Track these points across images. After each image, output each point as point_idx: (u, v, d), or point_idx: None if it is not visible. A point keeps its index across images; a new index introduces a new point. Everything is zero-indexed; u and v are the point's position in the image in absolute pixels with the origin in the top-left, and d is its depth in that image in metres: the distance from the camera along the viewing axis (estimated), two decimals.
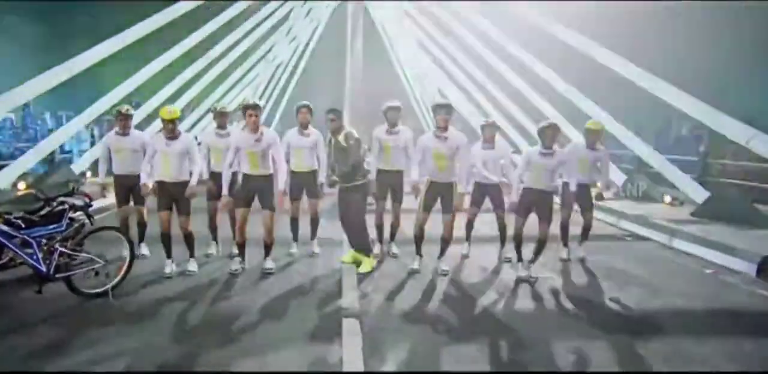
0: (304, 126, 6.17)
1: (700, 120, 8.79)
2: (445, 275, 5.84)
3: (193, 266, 5.77)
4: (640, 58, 10.26)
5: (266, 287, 5.36)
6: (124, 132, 5.93)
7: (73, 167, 12.23)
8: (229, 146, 5.51)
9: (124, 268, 5.14)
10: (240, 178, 5.68)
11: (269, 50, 21.86)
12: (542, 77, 13.51)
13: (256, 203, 5.63)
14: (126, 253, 5.19)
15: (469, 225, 6.69)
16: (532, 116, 14.79)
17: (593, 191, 6.57)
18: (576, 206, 6.53)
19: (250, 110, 5.33)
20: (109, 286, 4.84)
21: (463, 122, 17.01)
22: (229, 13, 15.62)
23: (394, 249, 6.68)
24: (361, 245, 6.06)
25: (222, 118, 6.15)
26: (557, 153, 5.61)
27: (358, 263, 6.00)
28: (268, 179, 5.61)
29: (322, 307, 4.78)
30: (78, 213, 5.02)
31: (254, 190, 5.55)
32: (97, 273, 4.86)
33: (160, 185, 5.56)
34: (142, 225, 6.19)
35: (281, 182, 5.56)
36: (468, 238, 6.74)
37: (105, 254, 4.96)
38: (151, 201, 5.86)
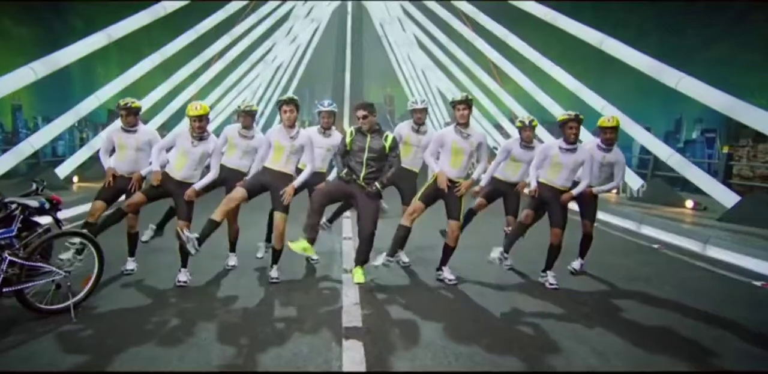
0: (326, 128, 5.67)
1: (731, 117, 8.12)
2: (454, 284, 5.25)
3: (183, 277, 5.10)
4: None
5: (260, 300, 4.70)
6: (129, 128, 5.28)
7: (57, 170, 11.56)
8: (252, 147, 5.39)
9: (92, 281, 4.47)
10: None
11: (269, 50, 21.27)
12: (549, 75, 13.00)
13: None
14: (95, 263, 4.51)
15: (471, 214, 5.88)
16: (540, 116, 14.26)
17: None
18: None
19: (285, 105, 5.02)
20: (71, 302, 4.14)
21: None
22: (222, 15, 15.08)
23: (404, 258, 6.06)
24: (366, 258, 5.37)
25: (247, 117, 5.48)
26: (580, 150, 5.20)
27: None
28: (286, 178, 5.11)
29: (322, 326, 4.10)
30: (48, 222, 4.38)
31: (267, 184, 5.07)
32: (58, 287, 4.21)
33: (163, 176, 5.00)
34: (132, 236, 5.49)
35: (299, 181, 5.12)
36: (465, 223, 5.75)
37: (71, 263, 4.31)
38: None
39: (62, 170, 11.68)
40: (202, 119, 4.89)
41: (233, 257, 5.86)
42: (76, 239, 4.51)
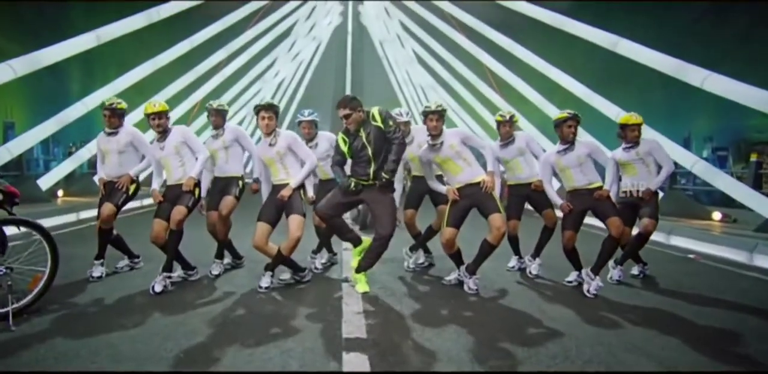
0: (309, 140, 5.28)
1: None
2: (474, 293, 4.51)
3: (159, 286, 4.36)
4: None
5: (244, 309, 3.97)
6: (111, 130, 4.95)
7: (40, 182, 10.86)
8: (229, 140, 5.07)
9: (42, 282, 3.73)
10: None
11: (270, 66, 20.88)
12: (558, 84, 12.55)
13: None
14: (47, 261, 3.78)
15: (515, 240, 5.44)
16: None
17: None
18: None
19: (263, 111, 4.58)
20: (11, 308, 3.39)
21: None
22: (220, 26, 14.74)
23: (422, 260, 5.57)
24: (373, 263, 4.68)
25: (217, 116, 5.17)
26: (578, 145, 4.76)
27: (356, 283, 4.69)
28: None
29: (317, 337, 3.35)
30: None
31: (281, 199, 4.56)
32: None
33: (167, 189, 4.75)
34: (104, 233, 4.88)
35: (298, 179, 4.60)
36: (519, 253, 5.55)
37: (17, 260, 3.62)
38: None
39: (45, 182, 10.98)
40: (162, 117, 4.64)
41: (218, 265, 5.19)
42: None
